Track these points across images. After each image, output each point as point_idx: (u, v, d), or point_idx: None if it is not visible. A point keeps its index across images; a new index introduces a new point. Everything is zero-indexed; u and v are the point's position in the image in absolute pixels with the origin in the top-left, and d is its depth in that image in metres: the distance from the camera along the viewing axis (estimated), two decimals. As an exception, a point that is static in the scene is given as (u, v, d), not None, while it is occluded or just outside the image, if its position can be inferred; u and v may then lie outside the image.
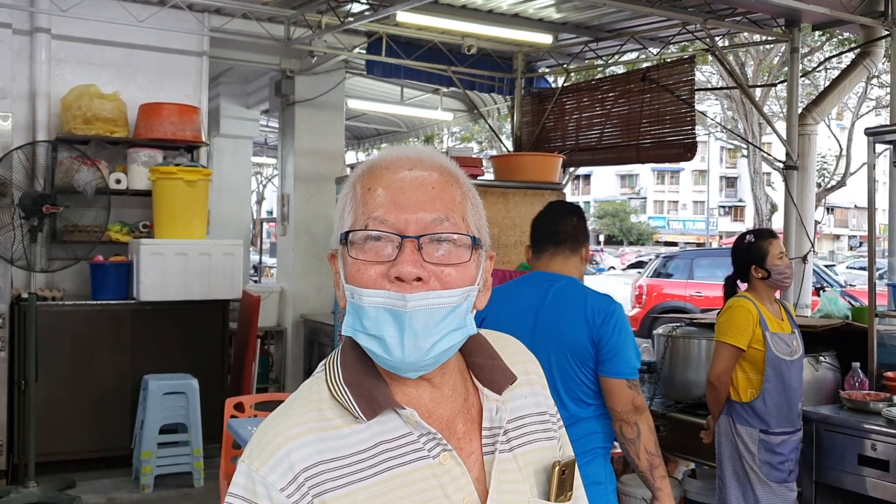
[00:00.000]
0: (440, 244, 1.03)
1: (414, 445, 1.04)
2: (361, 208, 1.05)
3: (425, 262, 1.02)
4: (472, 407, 1.12)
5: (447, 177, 1.08)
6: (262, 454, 1.02)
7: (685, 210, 52.22)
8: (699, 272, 12.98)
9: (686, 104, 6.42)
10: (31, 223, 5.26)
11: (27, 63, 6.31)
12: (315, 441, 1.02)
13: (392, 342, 1.01)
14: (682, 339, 4.63)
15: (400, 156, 1.09)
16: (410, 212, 1.03)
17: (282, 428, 1.04)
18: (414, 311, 1.00)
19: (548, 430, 1.19)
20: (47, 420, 5.60)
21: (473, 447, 1.10)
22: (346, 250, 1.04)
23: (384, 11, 6.05)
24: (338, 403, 1.05)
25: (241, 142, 10.43)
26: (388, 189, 1.04)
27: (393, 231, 1.02)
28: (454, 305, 1.03)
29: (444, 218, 1.04)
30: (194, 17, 6.78)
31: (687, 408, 4.53)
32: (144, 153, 6.30)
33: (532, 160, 5.57)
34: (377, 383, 1.06)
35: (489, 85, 8.35)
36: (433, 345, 1.02)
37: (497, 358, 1.16)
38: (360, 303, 1.02)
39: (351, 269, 1.03)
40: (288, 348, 8.07)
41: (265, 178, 28.84)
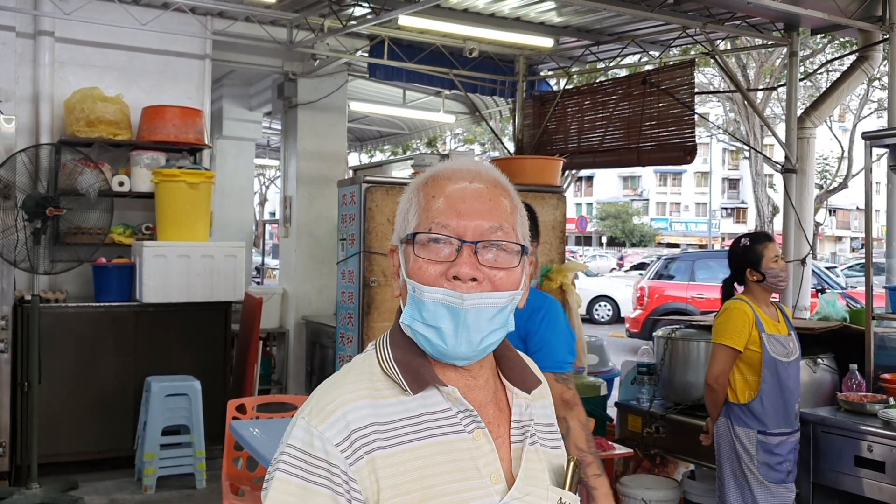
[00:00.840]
0: (494, 250, 1.17)
1: (452, 420, 1.17)
2: (425, 213, 1.19)
3: (480, 265, 1.16)
4: (500, 401, 1.26)
5: (500, 189, 1.23)
6: (322, 413, 1.14)
7: (687, 212, 52.21)
8: (700, 274, 12.99)
9: (686, 107, 6.44)
10: (35, 225, 5.29)
11: (31, 66, 6.35)
12: (368, 406, 1.14)
13: (447, 333, 1.15)
14: (682, 342, 4.65)
15: (461, 168, 1.23)
16: (469, 219, 1.17)
17: (339, 392, 1.16)
18: (468, 308, 1.14)
19: (554, 440, 1.33)
20: (50, 421, 5.63)
21: (501, 432, 1.23)
22: (412, 248, 1.18)
23: (386, 15, 6.08)
24: (387, 377, 1.19)
25: (243, 144, 10.46)
26: (450, 198, 1.19)
27: (454, 235, 1.16)
28: (502, 306, 1.18)
29: (498, 227, 1.18)
30: (197, 21, 6.81)
31: (686, 409, 4.56)
32: (147, 156, 6.34)
33: (532, 163, 5.60)
34: (423, 363, 1.19)
35: (491, 88, 8.38)
36: (482, 339, 1.16)
37: (525, 364, 1.32)
38: (421, 297, 1.16)
39: (413, 266, 1.18)
40: (290, 350, 8.09)
41: (268, 180, 28.87)
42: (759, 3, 5.27)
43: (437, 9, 6.41)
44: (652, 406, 4.71)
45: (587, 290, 15.91)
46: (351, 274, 5.70)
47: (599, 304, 17.13)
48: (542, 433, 1.30)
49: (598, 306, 17.16)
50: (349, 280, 5.49)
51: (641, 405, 4.77)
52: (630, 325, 13.20)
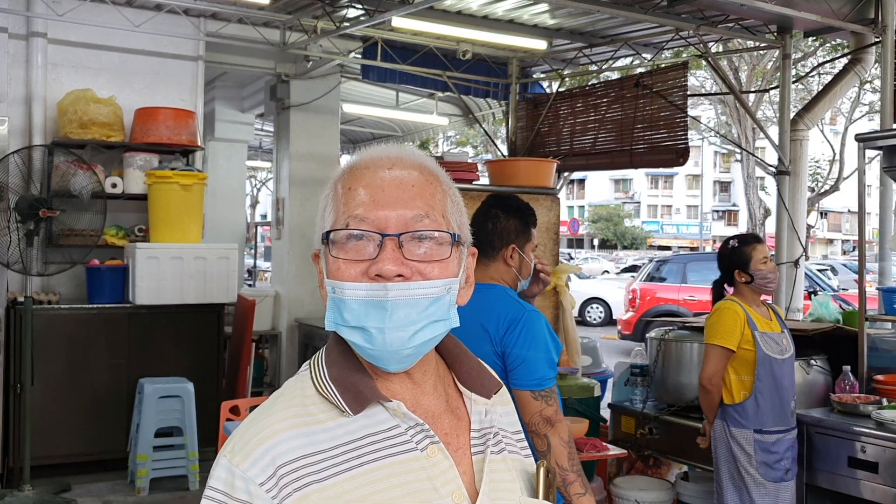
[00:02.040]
0: (421, 242, 1.05)
1: (401, 438, 1.05)
2: (343, 207, 1.07)
3: (406, 260, 1.04)
4: (456, 409, 1.14)
5: (427, 175, 1.10)
6: (244, 449, 1.02)
7: (679, 214, 52.37)
8: (692, 276, 13.04)
9: (679, 109, 6.47)
10: (28, 227, 5.27)
11: (23, 67, 6.33)
12: (298, 436, 1.02)
13: (374, 332, 1.03)
14: (675, 343, 4.67)
15: (380, 155, 1.10)
16: (391, 209, 1.05)
17: (264, 424, 1.04)
18: (396, 300, 1.02)
19: (524, 448, 1.22)
20: (43, 423, 5.61)
21: (461, 443, 1.11)
22: (328, 249, 1.07)
23: (380, 17, 6.09)
24: (323, 399, 1.07)
25: (236, 146, 10.45)
26: (367, 188, 1.06)
27: (374, 230, 1.04)
28: (436, 296, 1.05)
29: (423, 215, 1.06)
30: (190, 22, 6.80)
31: (679, 411, 4.57)
32: (140, 157, 6.32)
33: (526, 165, 5.61)
34: (363, 378, 1.07)
35: (484, 90, 8.39)
36: (414, 334, 1.04)
37: (483, 366, 1.20)
38: (341, 296, 1.04)
39: (332, 268, 1.06)
40: (282, 352, 8.08)
41: (259, 182, 28.82)
42: (753, 6, 5.29)
43: (431, 10, 6.42)
44: (645, 407, 4.72)
45: (579, 293, 15.94)
46: (345, 275, 5.69)
47: (591, 307, 17.17)
48: (509, 440, 1.19)
49: (591, 308, 17.19)
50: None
51: (634, 406, 4.78)
52: (622, 326, 13.23)
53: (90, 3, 6.28)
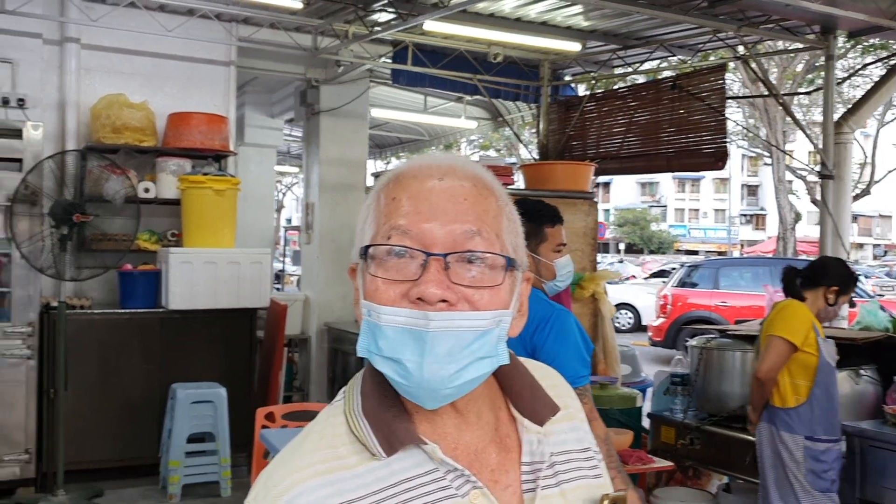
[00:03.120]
0: (470, 264, 0.93)
1: (440, 483, 0.94)
2: (383, 219, 0.96)
3: (452, 284, 0.91)
4: (506, 438, 1.03)
5: (481, 188, 0.98)
6: (268, 497, 0.93)
7: (706, 218, 51.91)
8: (725, 281, 12.85)
9: (717, 112, 6.35)
10: (61, 232, 5.27)
11: (57, 73, 6.35)
12: (325, 484, 0.92)
13: (411, 367, 0.90)
14: (717, 351, 4.57)
15: (430, 164, 0.99)
16: (438, 224, 0.93)
17: (289, 469, 0.95)
18: (438, 332, 0.90)
19: (594, 468, 1.09)
20: (76, 428, 5.60)
21: (510, 480, 1.00)
22: (366, 266, 0.95)
23: (412, 21, 6.04)
24: (355, 439, 0.96)
25: (265, 151, 10.48)
26: (414, 199, 0.95)
27: (417, 246, 0.92)
28: (484, 329, 0.92)
29: (475, 232, 0.93)
30: (222, 27, 6.80)
31: (721, 421, 4.47)
32: (173, 162, 6.32)
33: (563, 169, 5.53)
34: (398, 415, 0.96)
35: (514, 93, 8.32)
36: (457, 372, 0.91)
37: (538, 387, 1.06)
38: (377, 321, 0.92)
39: (370, 287, 0.94)
40: (312, 357, 8.06)
41: (285, 187, 28.96)
42: (798, 5, 5.16)
43: (463, 13, 6.36)
44: (686, 417, 4.62)
45: (607, 298, 15.74)
46: (378, 281, 5.64)
47: (620, 312, 16.99)
48: (573, 464, 1.06)
49: (619, 314, 17.01)
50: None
51: (675, 416, 4.69)
52: (653, 333, 13.06)
53: (123, 8, 6.29)
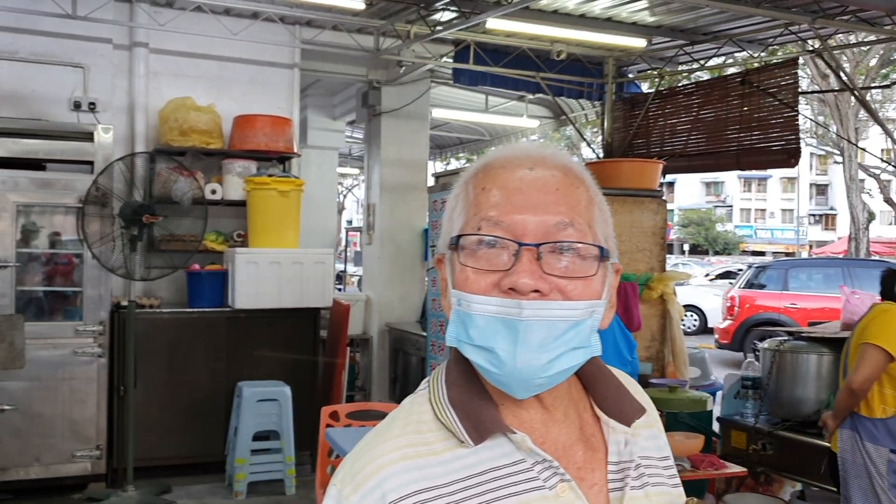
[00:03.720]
0: (562, 255, 0.92)
1: (527, 474, 0.94)
2: (473, 209, 0.95)
3: (545, 274, 0.91)
4: (591, 437, 1.02)
5: (572, 178, 0.97)
6: (355, 480, 0.94)
7: (773, 218, 50.66)
8: (794, 283, 12.49)
9: (790, 108, 6.16)
10: (131, 232, 5.38)
11: (126, 77, 6.50)
12: (412, 468, 0.93)
13: (504, 355, 0.90)
14: (791, 354, 4.42)
15: (519, 153, 0.98)
16: (530, 214, 0.92)
17: (376, 453, 0.95)
18: (530, 320, 0.89)
19: (673, 476, 1.08)
20: (145, 425, 5.72)
21: (596, 478, 0.99)
22: (456, 255, 0.95)
23: (475, 19, 6.00)
24: (441, 426, 0.96)
25: (327, 153, 10.57)
26: (504, 189, 0.94)
27: (509, 237, 0.92)
28: (577, 320, 0.92)
29: (568, 223, 0.93)
30: (286, 30, 6.87)
31: (795, 426, 4.33)
32: (239, 164, 6.41)
33: (630, 166, 5.42)
34: (485, 404, 0.96)
35: (578, 91, 8.22)
36: (550, 362, 0.90)
37: (623, 389, 1.05)
38: (468, 310, 0.92)
39: (459, 277, 0.94)
40: (374, 356, 8.09)
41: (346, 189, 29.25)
42: (879, -7, 4.96)
43: (526, 11, 6.30)
44: (757, 422, 4.49)
45: (672, 299, 15.46)
46: (441, 281, 5.62)
47: (685, 314, 16.68)
48: (655, 469, 1.05)
49: (685, 316, 16.70)
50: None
51: (746, 421, 4.55)
52: (719, 335, 12.78)
53: (190, 12, 6.40)
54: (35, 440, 5.49)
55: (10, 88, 6.12)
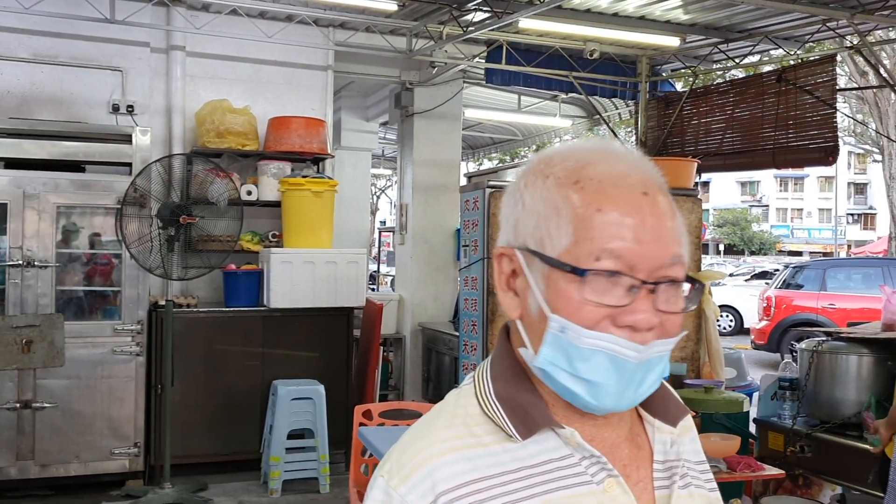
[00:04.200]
0: (673, 290, 0.91)
1: (575, 469, 0.94)
2: (587, 232, 0.89)
3: (658, 311, 0.89)
4: (637, 436, 1.02)
5: (670, 201, 0.94)
6: (403, 471, 0.93)
7: (810, 218, 49.90)
8: (832, 283, 12.30)
9: (825, 106, 6.07)
10: (169, 233, 5.45)
11: (164, 80, 6.59)
12: (461, 459, 0.92)
13: (609, 390, 0.90)
14: (829, 355, 4.36)
15: (627, 171, 0.93)
16: (648, 248, 0.89)
17: (424, 444, 0.95)
18: (640, 362, 0.90)
19: (709, 481, 1.08)
20: (182, 423, 5.79)
21: (642, 475, 0.99)
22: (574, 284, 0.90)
23: (507, 18, 6.00)
24: (488, 420, 0.96)
25: (360, 154, 10.64)
26: (626, 217, 0.89)
27: (628, 272, 0.88)
28: (667, 353, 0.93)
29: (679, 257, 0.91)
30: (320, 32, 6.92)
31: (835, 428, 4.26)
32: (274, 165, 6.47)
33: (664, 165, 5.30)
34: (533, 399, 0.95)
35: (611, 90, 8.18)
36: (643, 393, 0.93)
37: (668, 390, 1.05)
38: (576, 342, 0.89)
39: (567, 305, 0.90)
40: (407, 356, 8.12)
41: (379, 190, 29.37)
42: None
43: (559, 10, 6.28)
44: (795, 423, 4.42)
45: (707, 300, 15.30)
46: (475, 281, 5.63)
47: (721, 315, 16.51)
48: (694, 473, 1.05)
49: (720, 316, 16.53)
50: (472, 287, 5.41)
51: (783, 422, 4.49)
52: (756, 336, 12.63)
53: (225, 16, 6.48)
54: (75, 437, 5.59)
55: (51, 92, 6.24)
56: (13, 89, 6.16)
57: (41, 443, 5.51)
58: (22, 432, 5.47)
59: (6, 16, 5.93)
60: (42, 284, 5.54)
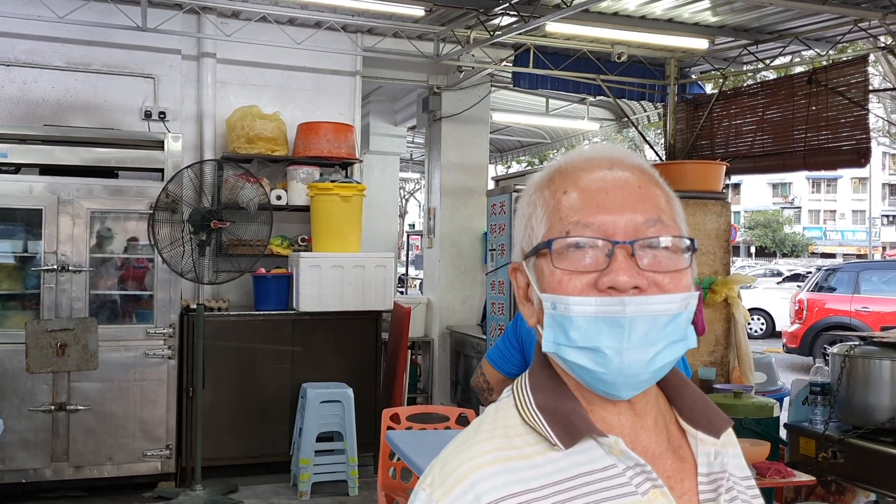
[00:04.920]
0: (655, 250, 0.93)
1: (619, 479, 0.93)
2: (557, 213, 0.95)
3: (641, 270, 0.91)
4: (679, 448, 1.01)
5: (648, 177, 0.98)
6: (445, 483, 0.93)
7: (843, 220, 49.19)
8: (866, 286, 12.12)
9: (859, 107, 6.00)
10: (200, 238, 5.52)
11: (195, 86, 6.68)
12: (503, 472, 0.92)
13: (610, 353, 0.90)
14: (862, 360, 4.29)
15: (594, 155, 0.99)
16: (618, 213, 0.93)
17: (467, 456, 0.94)
18: (634, 316, 0.90)
19: (756, 497, 1.06)
20: (212, 425, 5.85)
21: (686, 488, 0.98)
22: (547, 260, 0.94)
23: (534, 23, 6.00)
24: (530, 430, 0.96)
25: (389, 158, 10.68)
26: (587, 190, 0.95)
27: (600, 236, 0.92)
28: (675, 312, 0.92)
29: (655, 219, 0.93)
30: (348, 38, 6.98)
31: (868, 434, 4.20)
32: (303, 170, 6.53)
33: (693, 168, 5.35)
34: (574, 408, 0.95)
35: (639, 92, 8.14)
36: (654, 356, 0.91)
37: (709, 401, 1.04)
38: (566, 312, 0.91)
39: (551, 282, 0.93)
40: (435, 359, 8.13)
41: (408, 193, 29.46)
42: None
43: (586, 13, 6.27)
44: (827, 429, 4.37)
45: (738, 303, 15.15)
46: (501, 284, 5.64)
47: (752, 318, 16.33)
48: (740, 487, 1.03)
49: (751, 320, 16.36)
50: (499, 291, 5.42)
51: (815, 427, 4.43)
52: (787, 339, 12.48)
53: (255, 23, 6.56)
54: (108, 439, 5.68)
55: (85, 99, 6.35)
56: (48, 97, 6.27)
57: (75, 445, 5.60)
58: (57, 434, 5.57)
59: (41, 25, 6.05)
60: (76, 289, 5.64)
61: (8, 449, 5.42)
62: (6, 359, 5.44)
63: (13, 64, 6.20)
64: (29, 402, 5.51)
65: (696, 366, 4.84)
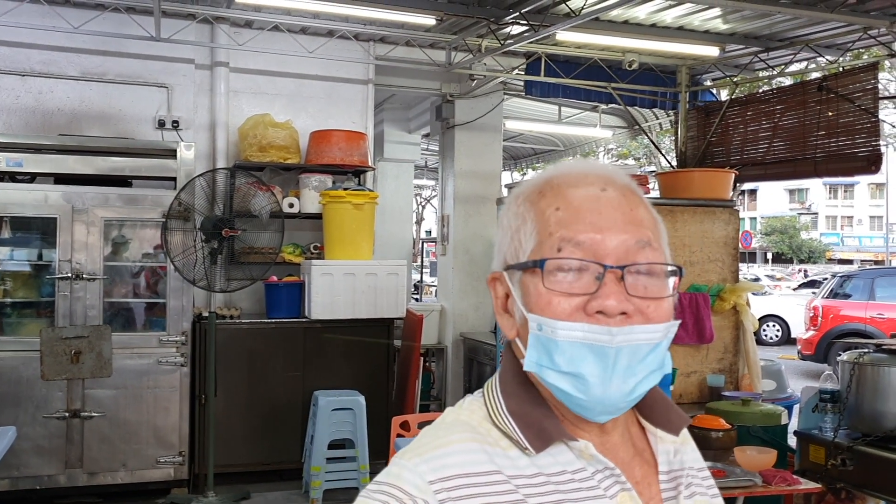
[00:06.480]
0: (643, 276, 0.93)
1: (588, 483, 0.94)
2: (547, 230, 0.94)
3: (629, 296, 0.91)
4: (643, 451, 1.03)
5: (638, 198, 0.98)
6: (418, 451, 0.94)
7: (861, 226, 48.83)
8: (881, 293, 12.03)
9: (869, 114, 5.98)
10: (212, 246, 5.57)
11: (208, 95, 6.75)
12: (478, 450, 0.93)
13: (593, 381, 0.90)
14: (871, 367, 4.28)
15: (586, 172, 0.98)
16: (609, 234, 0.92)
17: (443, 432, 0.96)
18: (620, 346, 0.90)
19: (711, 487, 1.07)
20: (225, 432, 5.90)
21: (653, 493, 1.00)
22: (535, 278, 0.93)
23: (545, 32, 6.02)
24: (501, 434, 0.96)
25: (403, 165, 10.72)
26: (580, 210, 0.94)
27: (591, 258, 0.92)
28: (656, 342, 0.92)
29: (646, 242, 0.94)
30: (360, 47, 7.03)
31: (877, 441, 4.18)
32: (315, 178, 6.58)
33: (701, 176, 5.35)
34: (546, 413, 0.96)
35: (651, 100, 8.14)
36: (635, 386, 0.91)
37: (668, 399, 1.05)
38: (552, 336, 0.91)
39: (538, 300, 0.93)
40: (448, 366, 8.15)
41: (424, 200, 29.49)
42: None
43: (597, 22, 6.29)
44: (836, 436, 4.35)
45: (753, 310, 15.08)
46: (511, 292, 5.64)
47: (767, 325, 16.23)
48: (697, 480, 1.05)
49: (766, 326, 16.26)
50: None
51: (824, 435, 4.41)
52: (802, 346, 12.41)
53: (268, 32, 6.62)
54: (121, 446, 5.73)
55: (99, 108, 6.43)
56: (63, 107, 6.36)
57: (89, 451, 5.66)
58: (71, 441, 5.63)
59: (56, 35, 6.14)
60: (90, 296, 5.70)
61: (22, 455, 5.48)
62: (21, 366, 5.51)
63: (29, 74, 6.29)
64: (43, 409, 5.57)
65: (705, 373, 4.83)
